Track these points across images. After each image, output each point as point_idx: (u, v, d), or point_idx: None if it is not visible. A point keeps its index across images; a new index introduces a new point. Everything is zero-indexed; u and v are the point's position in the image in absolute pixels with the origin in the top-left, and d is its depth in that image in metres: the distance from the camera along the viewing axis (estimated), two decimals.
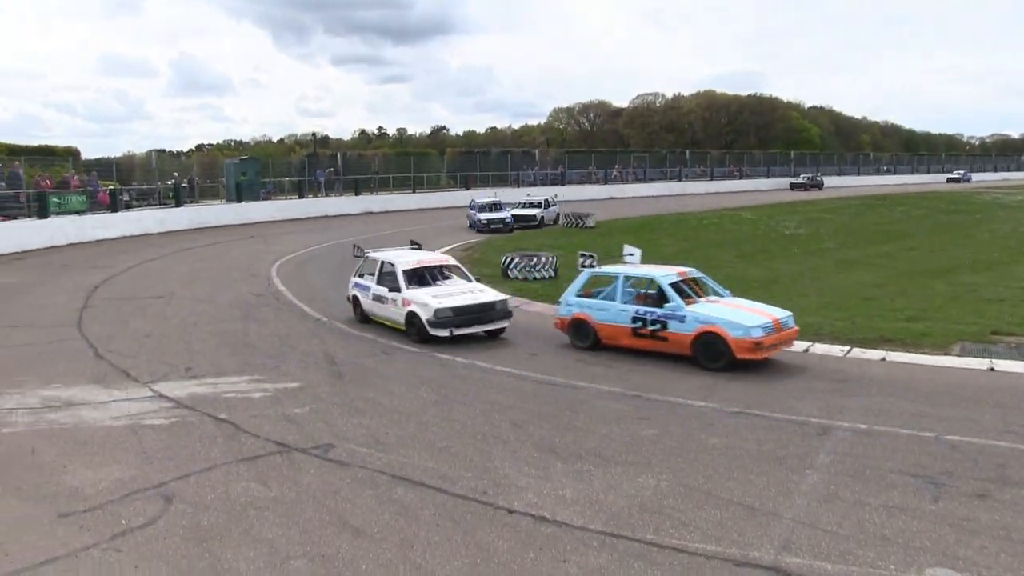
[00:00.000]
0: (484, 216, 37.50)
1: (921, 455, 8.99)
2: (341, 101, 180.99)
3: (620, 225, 38.64)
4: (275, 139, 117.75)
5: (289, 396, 11.42)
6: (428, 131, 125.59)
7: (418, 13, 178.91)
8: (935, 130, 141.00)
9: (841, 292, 19.77)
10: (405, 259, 16.35)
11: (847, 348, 14.13)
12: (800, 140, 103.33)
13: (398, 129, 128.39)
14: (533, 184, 62.97)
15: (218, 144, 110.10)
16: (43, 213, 32.50)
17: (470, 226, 37.77)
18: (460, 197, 54.38)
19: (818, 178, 77.11)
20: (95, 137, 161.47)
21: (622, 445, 9.44)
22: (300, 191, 48.75)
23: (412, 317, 14.96)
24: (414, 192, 55.07)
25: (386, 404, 11.04)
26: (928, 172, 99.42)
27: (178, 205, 40.15)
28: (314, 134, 78.84)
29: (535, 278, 22.17)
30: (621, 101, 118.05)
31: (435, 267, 16.82)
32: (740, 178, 78.59)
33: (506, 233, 36.10)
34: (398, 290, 15.48)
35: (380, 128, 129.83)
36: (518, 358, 13.68)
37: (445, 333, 14.53)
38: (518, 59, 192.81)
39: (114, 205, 36.60)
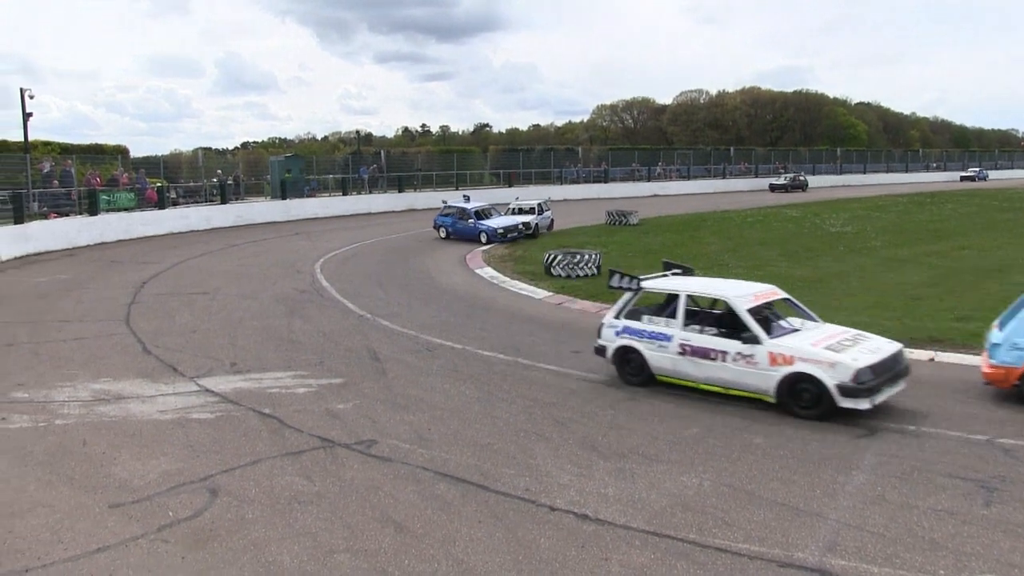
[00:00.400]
0: (497, 224, 32.12)
1: (972, 458, 8.83)
2: (384, 99, 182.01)
3: (663, 223, 38.38)
4: (319, 137, 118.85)
5: (333, 392, 11.50)
6: (471, 129, 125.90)
7: (461, 11, 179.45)
8: (988, 126, 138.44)
9: (889, 291, 19.45)
10: (737, 291, 11.63)
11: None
12: (846, 137, 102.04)
13: (441, 126, 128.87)
14: (576, 181, 62.86)
15: (263, 142, 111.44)
16: (93, 210, 33.01)
17: (446, 235, 32.84)
18: (502, 194, 54.37)
19: (801, 178, 68.75)
20: (143, 136, 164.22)
21: (665, 444, 9.39)
22: (344, 188, 49.02)
23: (800, 382, 10.26)
24: (457, 189, 55.08)
25: (428, 400, 11.08)
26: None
27: (224, 202, 40.56)
28: (358, 132, 79.66)
29: (578, 276, 22.11)
30: (665, 98, 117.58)
31: (771, 302, 12.01)
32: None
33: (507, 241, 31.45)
34: (754, 340, 10.68)
35: (423, 125, 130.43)
36: (561, 355, 13.65)
37: (866, 405, 9.96)
38: (561, 56, 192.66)
39: (161, 202, 37.07)
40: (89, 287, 21.15)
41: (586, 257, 22.63)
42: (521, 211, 34.94)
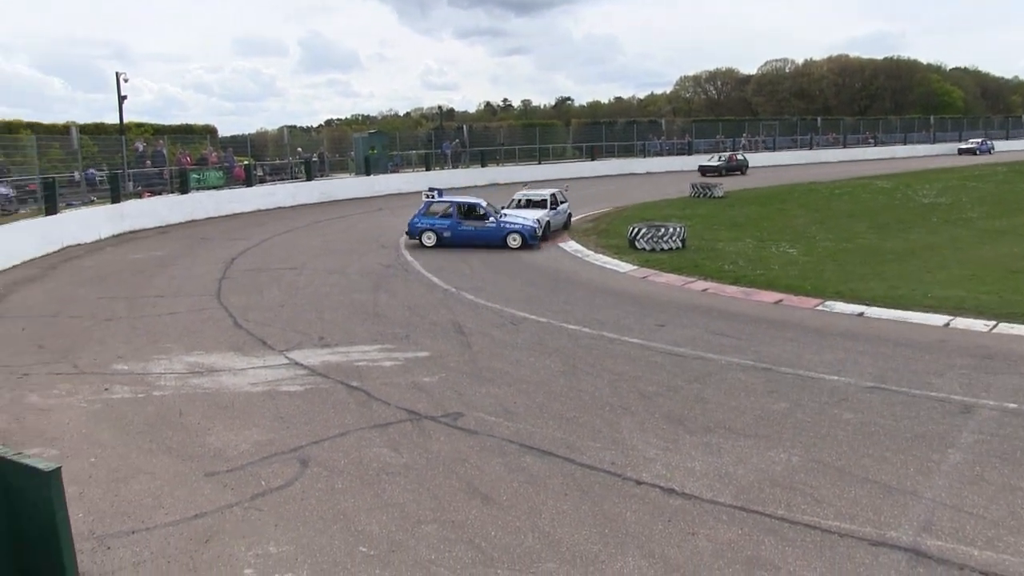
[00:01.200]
0: (526, 219, 24.44)
1: None
2: (465, 74, 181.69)
3: (748, 195, 37.77)
4: (401, 113, 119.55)
5: (419, 365, 11.62)
6: (552, 102, 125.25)
7: None
8: None
9: (986, 264, 18.82)
10: None
11: (992, 323, 13.45)
12: (941, 104, 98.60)
13: (523, 101, 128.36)
14: (660, 154, 62.14)
15: (346, 119, 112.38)
16: (184, 188, 33.83)
17: (436, 242, 24.07)
18: (584, 168, 54.20)
19: (739, 157, 56.66)
20: (230, 115, 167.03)
21: (752, 418, 9.27)
22: (427, 164, 49.31)
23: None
24: (539, 163, 55.04)
25: (514, 373, 11.11)
26: None
27: (309, 179, 41.18)
28: (440, 107, 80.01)
29: (663, 249, 21.90)
30: (749, 68, 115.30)
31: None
32: (875, 145, 75.63)
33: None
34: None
35: (505, 100, 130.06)
36: (646, 329, 13.56)
37: None
38: (643, 27, 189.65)
39: (249, 180, 37.82)
40: (181, 263, 21.73)
41: (671, 230, 22.39)
42: (530, 204, 26.79)
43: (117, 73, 36.03)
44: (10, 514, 2.57)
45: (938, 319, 13.75)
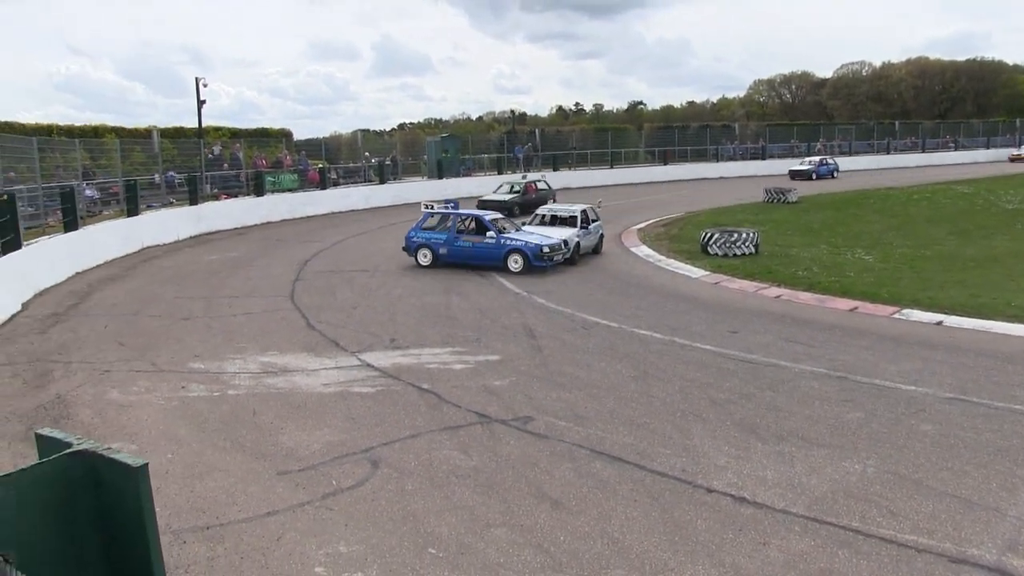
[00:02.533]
0: (541, 239, 20.60)
1: None
2: (537, 77, 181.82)
3: (823, 200, 37.12)
4: (473, 117, 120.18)
5: (489, 368, 11.65)
6: (624, 106, 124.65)
7: None
8: None
9: None
10: None
11: None
12: None
13: (595, 104, 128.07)
14: (733, 158, 61.46)
15: (419, 122, 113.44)
16: (259, 191, 34.47)
17: (432, 261, 21.20)
18: (656, 172, 53.93)
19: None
20: (305, 119, 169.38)
21: (826, 428, 9.09)
22: (499, 168, 49.49)
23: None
24: (611, 167, 54.82)
25: (584, 378, 11.08)
26: None
27: (382, 182, 41.62)
28: (512, 111, 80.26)
29: (735, 254, 21.63)
30: (825, 72, 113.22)
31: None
32: (955, 149, 73.67)
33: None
34: None
35: (576, 104, 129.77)
36: (718, 335, 13.40)
37: None
38: (716, 30, 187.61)
39: (323, 183, 38.36)
40: (256, 265, 22.12)
41: (743, 235, 22.10)
42: (556, 220, 23.25)
43: (196, 78, 36.85)
44: (100, 508, 2.63)
45: (1016, 329, 13.33)
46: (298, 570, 6.23)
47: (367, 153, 47.74)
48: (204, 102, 37.08)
